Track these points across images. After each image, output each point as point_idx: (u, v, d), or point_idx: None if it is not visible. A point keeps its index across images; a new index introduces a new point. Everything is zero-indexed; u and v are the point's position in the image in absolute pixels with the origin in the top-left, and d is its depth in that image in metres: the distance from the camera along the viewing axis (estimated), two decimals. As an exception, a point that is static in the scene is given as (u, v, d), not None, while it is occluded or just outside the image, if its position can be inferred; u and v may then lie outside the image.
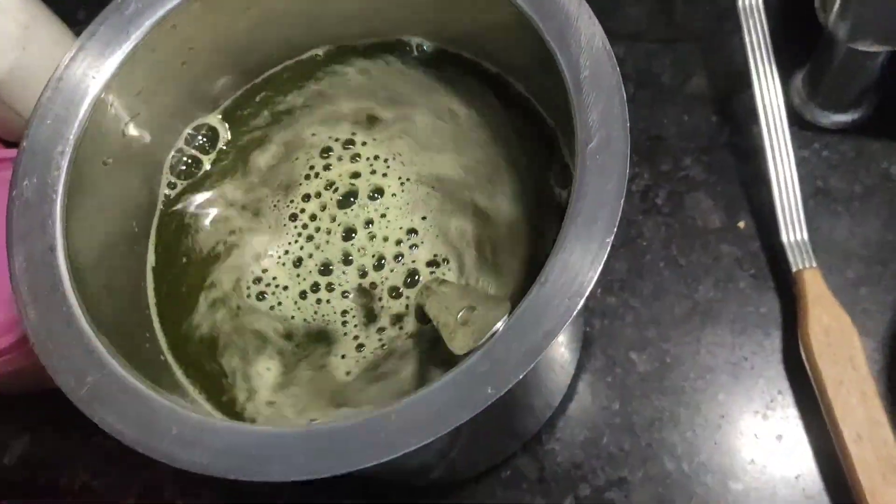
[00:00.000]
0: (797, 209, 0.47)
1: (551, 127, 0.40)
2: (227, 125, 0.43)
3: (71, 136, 0.36)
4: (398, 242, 0.40)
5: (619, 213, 0.29)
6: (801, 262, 0.46)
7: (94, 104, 0.37)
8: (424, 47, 0.43)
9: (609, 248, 0.29)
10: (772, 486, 0.45)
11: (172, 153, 0.42)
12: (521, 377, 0.28)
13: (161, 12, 0.38)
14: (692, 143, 0.53)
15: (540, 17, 0.33)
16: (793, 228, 0.47)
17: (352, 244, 0.41)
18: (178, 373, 0.38)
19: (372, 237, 0.41)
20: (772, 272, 0.49)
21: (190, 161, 0.42)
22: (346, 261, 0.40)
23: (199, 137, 0.43)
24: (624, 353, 0.48)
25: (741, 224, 0.50)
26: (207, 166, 0.43)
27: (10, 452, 0.53)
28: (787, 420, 0.46)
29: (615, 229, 0.29)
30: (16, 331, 0.47)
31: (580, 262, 0.29)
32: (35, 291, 0.33)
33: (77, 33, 0.59)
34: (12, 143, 0.59)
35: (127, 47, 0.37)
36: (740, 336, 0.48)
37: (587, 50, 0.32)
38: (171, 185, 0.42)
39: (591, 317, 0.49)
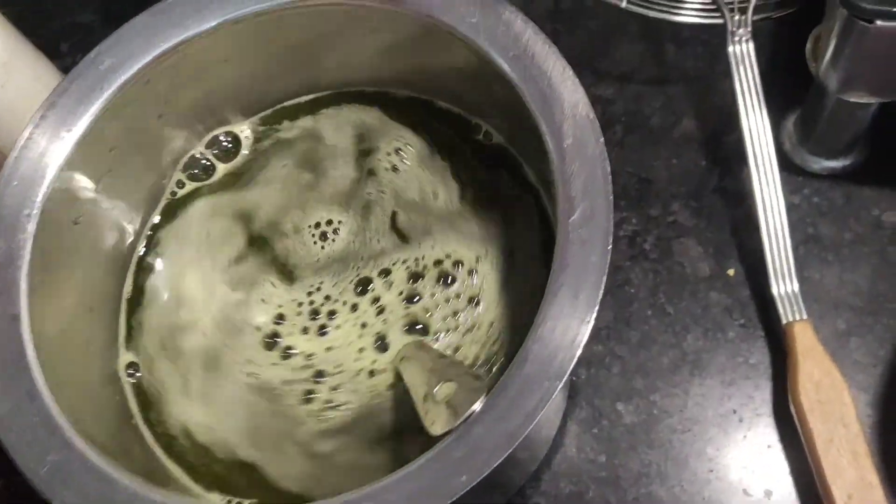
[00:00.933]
0: (787, 259, 0.46)
1: (534, 185, 0.39)
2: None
3: (38, 198, 0.35)
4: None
5: (602, 289, 0.28)
6: (792, 314, 0.45)
7: (64, 164, 0.36)
8: (400, 97, 0.42)
9: (591, 327, 0.28)
10: (762, 544, 0.44)
11: (148, 203, 0.41)
12: (498, 464, 0.27)
13: (136, 67, 0.37)
14: (682, 188, 0.52)
15: (524, 81, 0.32)
16: (783, 279, 0.46)
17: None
18: (151, 440, 0.37)
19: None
20: (762, 321, 0.48)
21: (165, 210, 0.42)
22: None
23: (178, 188, 0.42)
24: (610, 403, 0.47)
25: (731, 272, 0.49)
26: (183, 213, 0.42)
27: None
28: (776, 475, 0.45)
29: (597, 306, 0.28)
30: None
31: (560, 340, 0.28)
32: (-2, 364, 0.32)
33: (60, 67, 0.58)
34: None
35: (100, 104, 0.36)
36: (729, 387, 0.47)
37: (570, 117, 0.31)
38: (148, 240, 0.41)
39: (578, 366, 0.48)
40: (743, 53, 0.47)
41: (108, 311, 0.39)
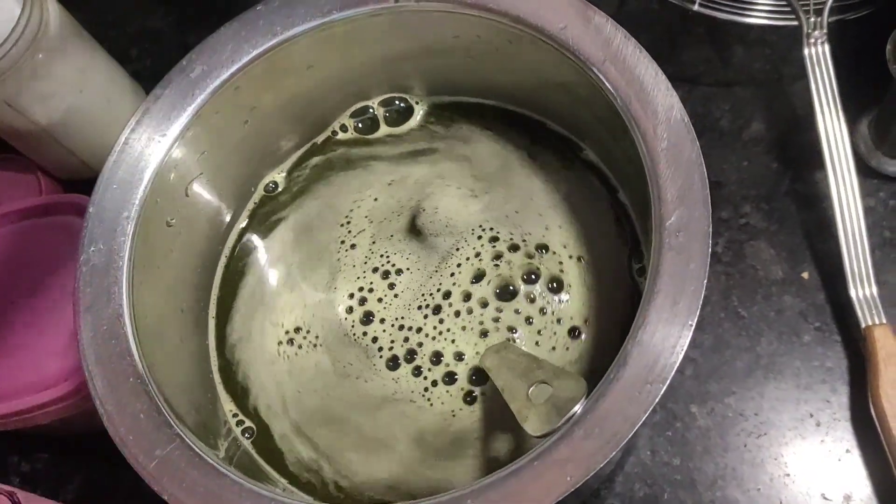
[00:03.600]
0: (865, 262, 0.45)
1: (617, 191, 0.39)
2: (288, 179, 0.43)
3: (136, 201, 0.36)
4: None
5: (702, 295, 0.29)
6: (871, 317, 0.45)
7: (159, 168, 0.36)
8: (422, 102, 0.43)
9: (692, 333, 0.28)
10: (840, 550, 0.43)
11: (236, 208, 0.42)
12: (602, 465, 0.27)
13: (225, 75, 0.38)
14: (752, 190, 0.51)
15: (614, 85, 0.33)
16: (861, 283, 0.45)
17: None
18: (244, 440, 0.38)
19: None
20: (838, 325, 0.47)
21: (255, 215, 0.42)
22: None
23: (264, 191, 0.43)
24: (684, 406, 0.47)
25: (805, 275, 0.49)
26: (269, 218, 0.43)
27: (64, 494, 0.53)
28: (855, 480, 0.44)
29: (698, 311, 0.28)
30: (72, 379, 0.47)
31: (661, 345, 0.28)
32: (102, 361, 0.33)
33: (130, 71, 0.59)
34: (66, 182, 0.60)
35: (192, 110, 0.37)
36: (805, 391, 0.47)
37: (665, 122, 0.31)
38: (237, 238, 0.42)
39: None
40: (819, 55, 0.47)
41: (199, 312, 0.40)
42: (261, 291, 0.41)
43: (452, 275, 0.40)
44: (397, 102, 0.44)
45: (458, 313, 0.39)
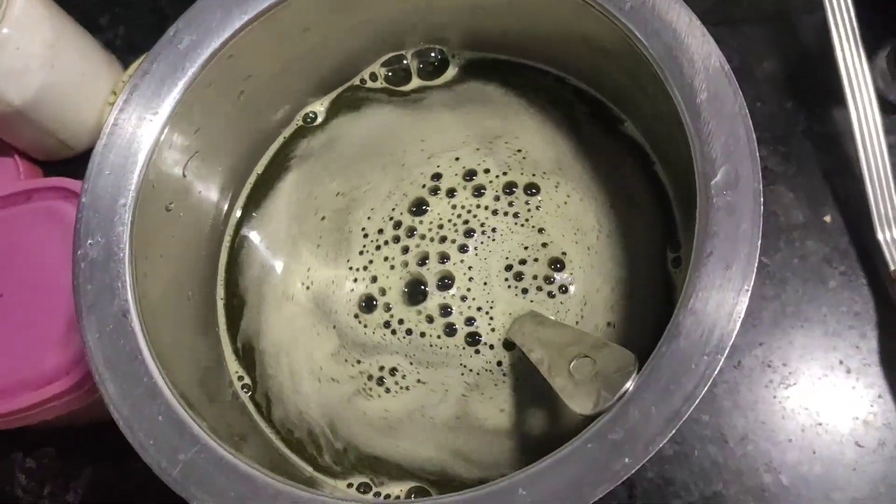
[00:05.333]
0: (892, 202, 0.44)
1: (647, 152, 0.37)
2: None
3: (132, 186, 0.33)
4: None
5: (757, 258, 0.27)
6: (899, 259, 0.43)
7: (153, 149, 0.34)
8: (458, 56, 0.40)
9: (748, 297, 0.26)
10: (876, 496, 0.43)
11: (236, 185, 0.40)
12: (660, 446, 0.26)
13: (216, 44, 0.35)
14: (767, 132, 0.49)
15: (643, 33, 0.30)
16: (888, 224, 0.44)
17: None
18: (268, 431, 0.36)
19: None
20: (864, 269, 0.46)
21: (258, 189, 0.40)
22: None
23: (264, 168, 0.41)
24: (710, 360, 0.46)
25: (827, 218, 0.47)
26: (276, 194, 0.40)
27: (74, 489, 0.51)
28: (889, 426, 0.44)
29: (754, 275, 0.27)
30: (73, 372, 0.45)
31: (716, 314, 0.27)
32: (112, 364, 0.31)
33: (102, 41, 0.56)
34: (44, 163, 0.57)
35: (182, 85, 0.34)
36: (834, 338, 0.45)
37: (703, 71, 0.29)
38: (239, 217, 0.40)
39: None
40: (837, -13, 0.45)
41: (207, 297, 0.38)
42: (269, 269, 0.39)
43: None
44: (432, 55, 0.41)
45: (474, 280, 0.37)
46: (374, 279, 0.39)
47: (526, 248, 0.38)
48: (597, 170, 0.38)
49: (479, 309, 0.37)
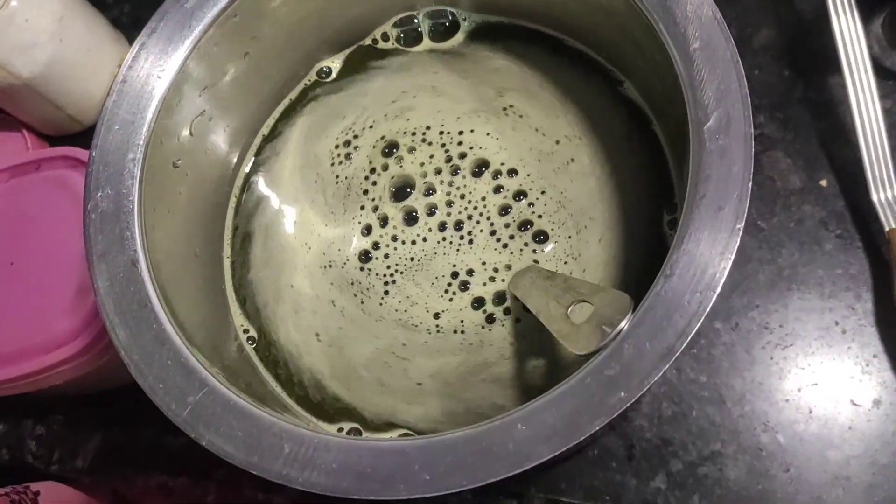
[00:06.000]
0: (886, 165, 0.45)
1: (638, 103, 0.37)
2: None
3: (141, 142, 0.34)
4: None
5: (748, 199, 0.27)
6: (894, 220, 0.44)
7: (161, 105, 0.35)
8: (469, 19, 0.41)
9: (740, 237, 0.27)
10: (872, 454, 0.43)
11: (244, 144, 0.41)
12: (655, 380, 0.26)
13: (222, 3, 0.35)
14: (765, 100, 0.50)
15: (638, -14, 0.31)
16: (883, 186, 0.45)
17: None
18: (269, 378, 0.37)
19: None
20: (859, 231, 0.47)
21: (264, 149, 0.41)
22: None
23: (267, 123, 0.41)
24: (708, 323, 0.47)
25: (823, 182, 0.48)
26: (282, 153, 0.41)
27: (83, 455, 0.52)
28: (884, 384, 0.44)
29: (745, 215, 0.27)
30: (83, 336, 0.46)
31: (709, 253, 0.27)
32: (122, 310, 0.32)
33: (108, 17, 0.57)
34: (53, 138, 0.58)
35: (190, 42, 0.35)
36: (830, 300, 0.46)
37: (695, 20, 0.30)
38: (246, 175, 0.40)
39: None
40: (831, -47, 0.45)
41: (214, 254, 0.39)
42: (274, 230, 0.40)
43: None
44: (442, 18, 0.42)
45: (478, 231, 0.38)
46: (376, 243, 0.39)
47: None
48: (598, 135, 0.39)
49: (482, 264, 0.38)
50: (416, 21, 0.41)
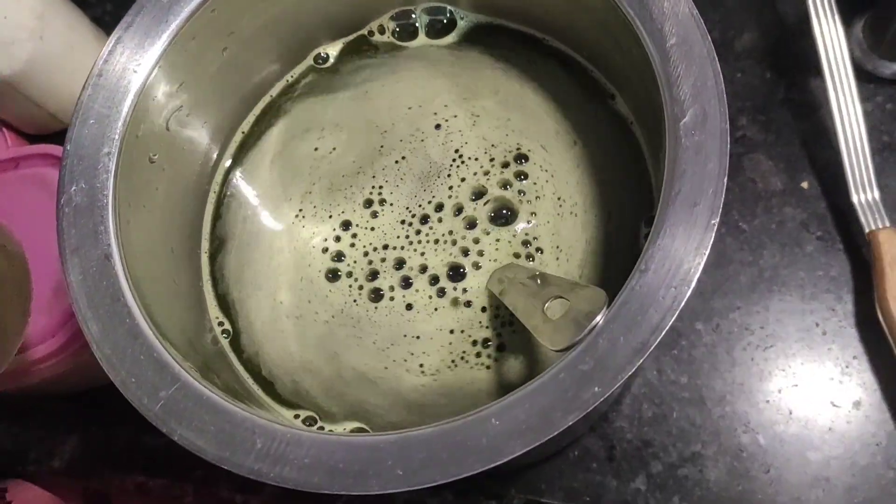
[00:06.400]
0: (866, 167, 0.45)
1: (613, 96, 0.37)
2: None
3: (116, 136, 0.34)
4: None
5: (723, 194, 0.27)
6: (874, 222, 0.44)
7: (137, 99, 0.34)
8: (466, 19, 0.41)
9: (714, 232, 0.27)
10: (851, 455, 0.43)
11: (222, 141, 0.40)
12: (629, 374, 0.26)
13: (200, -4, 0.35)
14: (748, 102, 0.50)
15: (615, -18, 0.31)
16: (863, 188, 0.45)
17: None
18: (241, 371, 0.36)
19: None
20: (840, 233, 0.47)
21: (244, 146, 0.41)
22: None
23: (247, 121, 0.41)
24: (689, 324, 0.47)
25: (804, 184, 0.48)
26: (261, 151, 0.41)
27: (60, 455, 0.52)
28: (864, 386, 0.44)
29: (720, 211, 0.27)
30: (59, 335, 0.46)
31: (684, 248, 0.27)
32: (95, 304, 0.31)
33: (90, 16, 0.57)
34: (33, 136, 0.57)
35: (167, 37, 0.35)
36: (810, 302, 0.46)
37: (672, 17, 0.30)
38: (225, 172, 0.40)
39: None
40: (812, -44, 0.46)
41: (190, 250, 0.38)
42: (254, 226, 0.39)
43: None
44: (440, 15, 0.42)
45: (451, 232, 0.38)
46: (354, 238, 0.39)
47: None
48: (579, 139, 0.39)
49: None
50: (413, 16, 0.41)
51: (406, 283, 0.38)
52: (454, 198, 0.39)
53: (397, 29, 0.42)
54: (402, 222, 0.39)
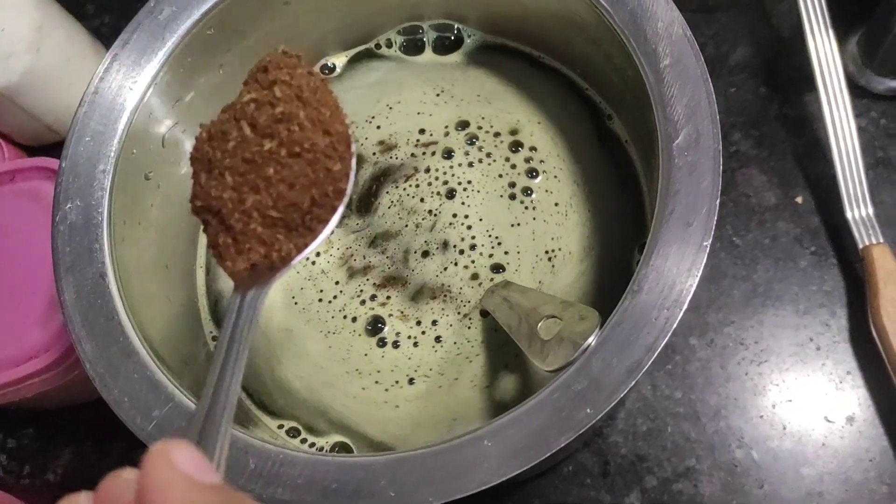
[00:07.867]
0: (860, 182, 0.45)
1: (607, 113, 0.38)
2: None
3: (112, 153, 0.34)
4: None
5: (716, 215, 0.27)
6: (868, 238, 0.44)
7: (132, 117, 0.34)
8: (473, 37, 0.41)
9: (707, 253, 0.27)
10: (845, 470, 0.43)
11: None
12: (623, 395, 0.26)
13: (196, 15, 0.35)
14: (741, 117, 0.50)
15: (609, 2, 0.31)
16: (857, 204, 0.45)
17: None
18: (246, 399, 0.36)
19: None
20: (834, 248, 0.47)
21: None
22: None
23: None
24: (683, 339, 0.47)
25: (798, 199, 0.48)
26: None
27: (53, 469, 0.51)
28: (858, 401, 0.44)
29: (713, 231, 0.27)
30: (53, 349, 0.45)
31: (676, 269, 0.27)
32: (89, 323, 0.31)
33: (88, 28, 0.57)
34: (30, 148, 0.57)
35: (163, 55, 0.35)
36: (804, 316, 0.46)
37: (666, 38, 0.30)
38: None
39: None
40: (806, -29, 0.46)
41: (186, 266, 0.38)
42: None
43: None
44: (448, 32, 0.42)
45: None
46: (350, 252, 0.39)
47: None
48: (577, 157, 0.39)
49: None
50: (420, 31, 0.41)
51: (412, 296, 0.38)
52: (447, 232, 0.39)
53: (405, 43, 0.42)
54: (402, 247, 0.39)
